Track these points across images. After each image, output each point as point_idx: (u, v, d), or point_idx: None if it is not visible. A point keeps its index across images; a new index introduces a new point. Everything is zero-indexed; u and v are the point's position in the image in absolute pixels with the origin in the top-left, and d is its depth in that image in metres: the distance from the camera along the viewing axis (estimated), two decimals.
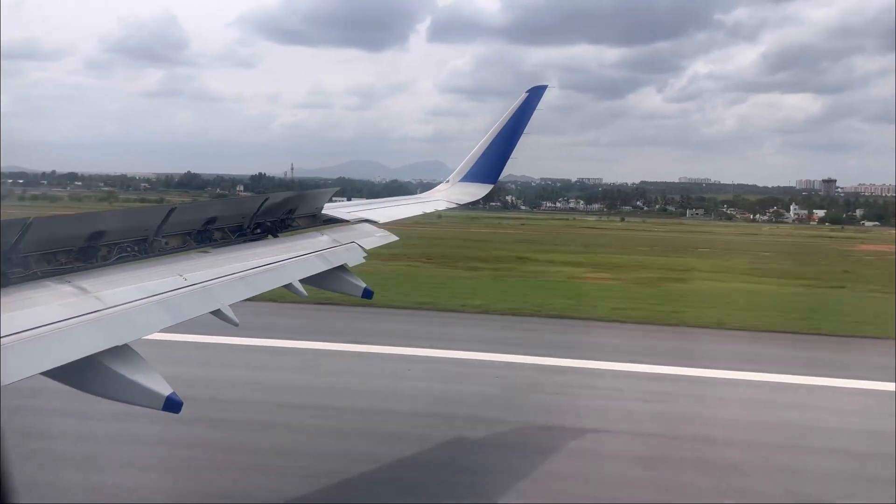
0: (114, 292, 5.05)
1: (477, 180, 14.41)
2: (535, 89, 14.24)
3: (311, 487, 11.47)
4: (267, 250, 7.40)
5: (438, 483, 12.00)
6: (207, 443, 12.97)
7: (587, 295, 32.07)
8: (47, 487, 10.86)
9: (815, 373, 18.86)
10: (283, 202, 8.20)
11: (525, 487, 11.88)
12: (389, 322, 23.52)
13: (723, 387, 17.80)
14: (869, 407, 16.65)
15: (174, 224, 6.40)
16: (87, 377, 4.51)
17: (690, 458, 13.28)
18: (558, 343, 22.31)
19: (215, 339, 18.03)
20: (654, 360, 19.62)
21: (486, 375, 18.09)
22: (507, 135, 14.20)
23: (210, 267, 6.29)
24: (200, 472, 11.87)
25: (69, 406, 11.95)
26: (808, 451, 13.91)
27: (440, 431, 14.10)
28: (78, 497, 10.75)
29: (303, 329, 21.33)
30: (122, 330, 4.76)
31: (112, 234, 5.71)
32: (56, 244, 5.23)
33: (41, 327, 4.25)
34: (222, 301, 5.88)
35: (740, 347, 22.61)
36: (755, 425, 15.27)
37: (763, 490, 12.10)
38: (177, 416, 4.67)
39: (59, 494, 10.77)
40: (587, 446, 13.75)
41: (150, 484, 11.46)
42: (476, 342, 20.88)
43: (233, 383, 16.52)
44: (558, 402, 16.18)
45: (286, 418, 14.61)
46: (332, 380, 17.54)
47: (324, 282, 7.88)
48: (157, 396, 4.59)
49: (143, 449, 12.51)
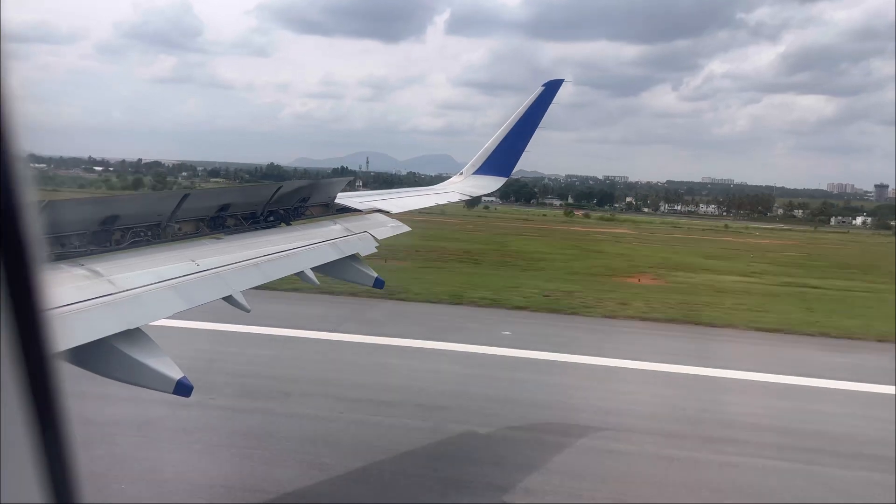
0: (127, 276, 5.07)
1: (491, 173, 14.42)
2: (551, 83, 14.21)
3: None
4: (279, 238, 7.41)
5: None
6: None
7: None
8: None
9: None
10: (297, 190, 8.21)
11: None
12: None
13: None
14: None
15: (188, 210, 6.43)
16: (99, 360, 4.54)
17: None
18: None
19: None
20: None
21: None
22: (522, 129, 14.19)
23: (222, 253, 6.31)
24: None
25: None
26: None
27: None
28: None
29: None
30: (134, 313, 4.78)
31: (126, 219, 5.73)
32: (70, 227, 5.25)
33: (54, 309, 4.27)
34: (234, 287, 5.90)
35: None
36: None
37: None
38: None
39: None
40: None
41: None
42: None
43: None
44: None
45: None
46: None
47: (335, 270, 7.90)
48: (168, 380, 4.61)
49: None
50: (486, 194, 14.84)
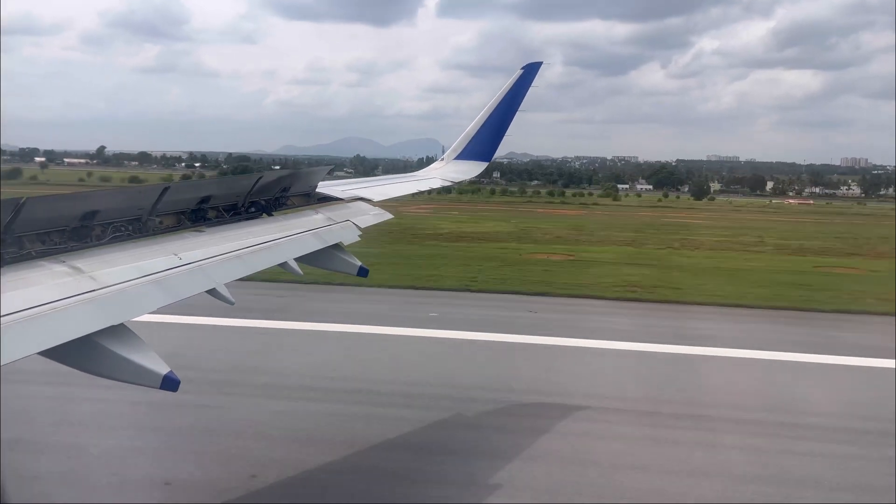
0: (109, 272, 5.04)
1: (472, 158, 14.35)
2: (530, 66, 14.11)
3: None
4: (261, 229, 7.37)
5: None
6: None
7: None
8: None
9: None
10: (277, 181, 8.15)
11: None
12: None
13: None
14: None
15: (168, 203, 6.37)
16: (84, 357, 4.52)
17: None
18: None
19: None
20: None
21: None
22: (502, 112, 14.09)
23: (205, 246, 6.27)
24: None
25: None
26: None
27: None
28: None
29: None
30: (117, 309, 4.76)
31: (106, 214, 5.68)
32: (50, 224, 5.20)
33: (37, 307, 4.25)
34: (217, 280, 5.88)
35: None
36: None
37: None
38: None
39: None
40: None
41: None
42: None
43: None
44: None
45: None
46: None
47: (319, 260, 7.88)
48: (155, 375, 4.60)
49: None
50: (468, 179, 14.78)
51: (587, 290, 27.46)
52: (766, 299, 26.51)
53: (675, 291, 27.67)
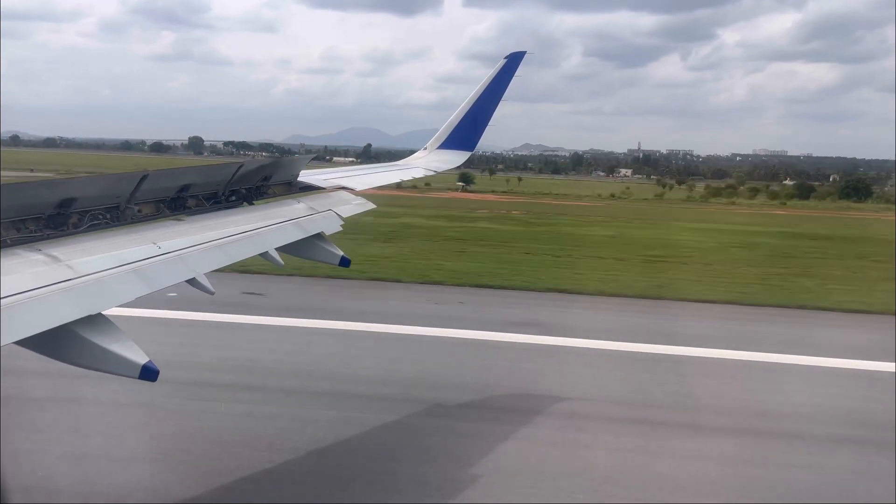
0: (86, 261, 4.98)
1: (455, 147, 14.39)
2: (514, 56, 14.13)
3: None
4: (242, 218, 7.32)
5: None
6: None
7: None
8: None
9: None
10: (259, 169, 8.10)
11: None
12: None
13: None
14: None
15: (147, 191, 6.30)
16: (61, 346, 4.47)
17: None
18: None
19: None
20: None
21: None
22: (485, 102, 14.13)
23: (184, 235, 6.21)
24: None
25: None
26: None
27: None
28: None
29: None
30: (95, 299, 4.71)
31: (83, 201, 5.60)
32: (25, 211, 5.12)
33: (13, 296, 4.19)
34: (198, 269, 5.83)
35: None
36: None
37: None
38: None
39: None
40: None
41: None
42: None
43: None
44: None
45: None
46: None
47: (300, 250, 7.85)
48: (133, 365, 4.56)
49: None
50: (451, 168, 14.80)
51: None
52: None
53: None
